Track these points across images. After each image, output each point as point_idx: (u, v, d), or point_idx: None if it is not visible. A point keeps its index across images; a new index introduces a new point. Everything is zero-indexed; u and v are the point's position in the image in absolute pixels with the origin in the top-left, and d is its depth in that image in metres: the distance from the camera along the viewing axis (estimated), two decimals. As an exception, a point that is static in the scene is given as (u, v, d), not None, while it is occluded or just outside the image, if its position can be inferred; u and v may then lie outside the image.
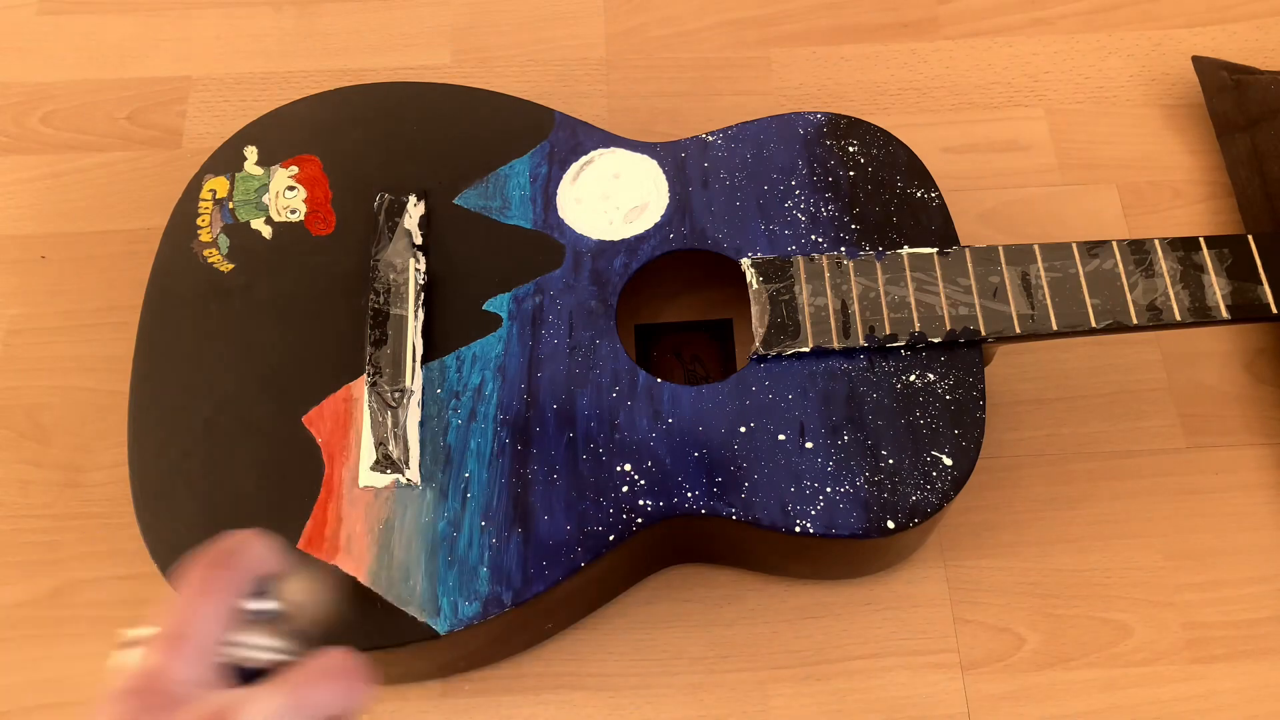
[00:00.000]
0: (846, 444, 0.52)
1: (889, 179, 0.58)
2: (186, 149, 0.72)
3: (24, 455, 0.63)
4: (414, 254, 0.56)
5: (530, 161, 0.60)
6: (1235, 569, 0.59)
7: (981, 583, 0.59)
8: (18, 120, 0.74)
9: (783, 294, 0.55)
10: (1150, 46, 0.75)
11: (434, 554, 0.50)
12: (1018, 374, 0.64)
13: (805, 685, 0.57)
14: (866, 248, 0.56)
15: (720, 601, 0.59)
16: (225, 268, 0.57)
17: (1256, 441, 0.63)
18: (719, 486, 0.51)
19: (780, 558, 0.57)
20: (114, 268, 0.68)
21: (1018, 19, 0.77)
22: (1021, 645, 0.58)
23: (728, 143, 0.60)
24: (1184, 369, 0.65)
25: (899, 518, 0.50)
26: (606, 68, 0.75)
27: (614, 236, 0.58)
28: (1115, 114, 0.73)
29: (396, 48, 0.76)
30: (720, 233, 0.57)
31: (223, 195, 0.59)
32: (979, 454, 0.52)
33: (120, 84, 0.75)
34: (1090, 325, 0.54)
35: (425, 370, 0.54)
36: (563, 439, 0.52)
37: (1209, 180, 0.70)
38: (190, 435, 0.53)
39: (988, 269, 0.55)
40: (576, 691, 0.57)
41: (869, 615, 0.58)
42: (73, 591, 0.59)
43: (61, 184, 0.71)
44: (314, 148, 0.60)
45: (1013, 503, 0.61)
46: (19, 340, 0.66)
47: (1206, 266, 0.55)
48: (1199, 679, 0.57)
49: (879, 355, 0.54)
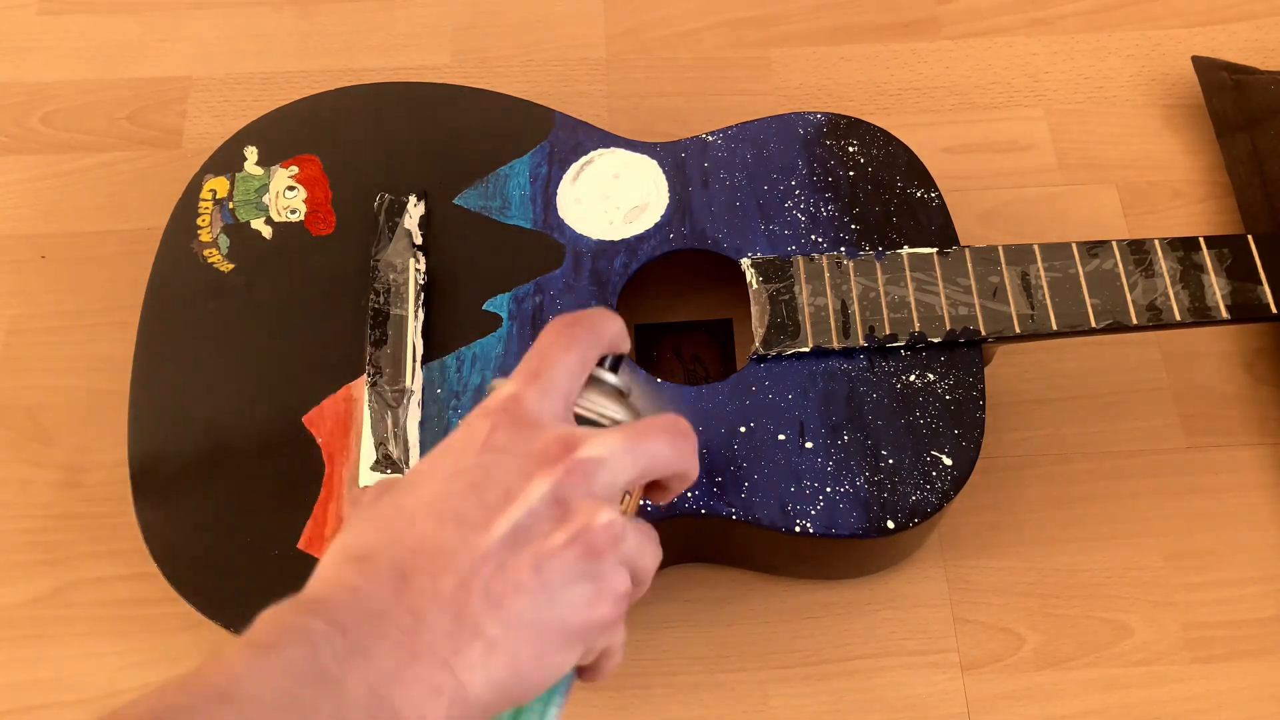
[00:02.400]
0: (846, 444, 0.52)
1: (889, 179, 0.58)
2: (186, 149, 0.72)
3: (24, 455, 0.63)
4: (414, 254, 0.56)
5: (530, 161, 0.60)
6: (1235, 569, 0.59)
7: (981, 583, 0.59)
8: (18, 120, 0.74)
9: (783, 294, 0.55)
10: (1150, 46, 0.75)
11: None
12: (1018, 374, 0.64)
13: (805, 685, 0.57)
14: (866, 248, 0.56)
15: (720, 601, 0.59)
16: (225, 268, 0.57)
17: (1256, 441, 0.63)
18: (719, 486, 0.51)
19: (780, 558, 0.57)
20: (114, 268, 0.68)
21: (1018, 19, 0.77)
22: (1021, 645, 0.58)
23: (728, 143, 0.60)
24: (1184, 369, 0.65)
25: (899, 518, 0.50)
26: (606, 68, 0.75)
27: (614, 236, 0.58)
28: (1115, 114, 0.73)
29: (396, 48, 0.76)
30: (720, 233, 0.57)
31: (223, 195, 0.59)
32: (979, 454, 0.52)
33: (120, 84, 0.75)
34: (1090, 325, 0.54)
35: (425, 370, 0.54)
36: (563, 439, 0.52)
37: (1209, 180, 0.70)
38: (190, 435, 0.53)
39: (988, 269, 0.55)
40: (577, 691, 0.57)
41: (869, 615, 0.58)
42: (73, 591, 0.59)
43: (61, 184, 0.71)
44: (314, 148, 0.60)
45: (1013, 503, 0.61)
46: (19, 340, 0.66)
47: (1206, 266, 0.55)
48: (1199, 679, 0.57)
49: (879, 355, 0.54)
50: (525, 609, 0.31)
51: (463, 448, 0.33)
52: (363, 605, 0.29)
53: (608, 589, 0.32)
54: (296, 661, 0.28)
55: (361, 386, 0.54)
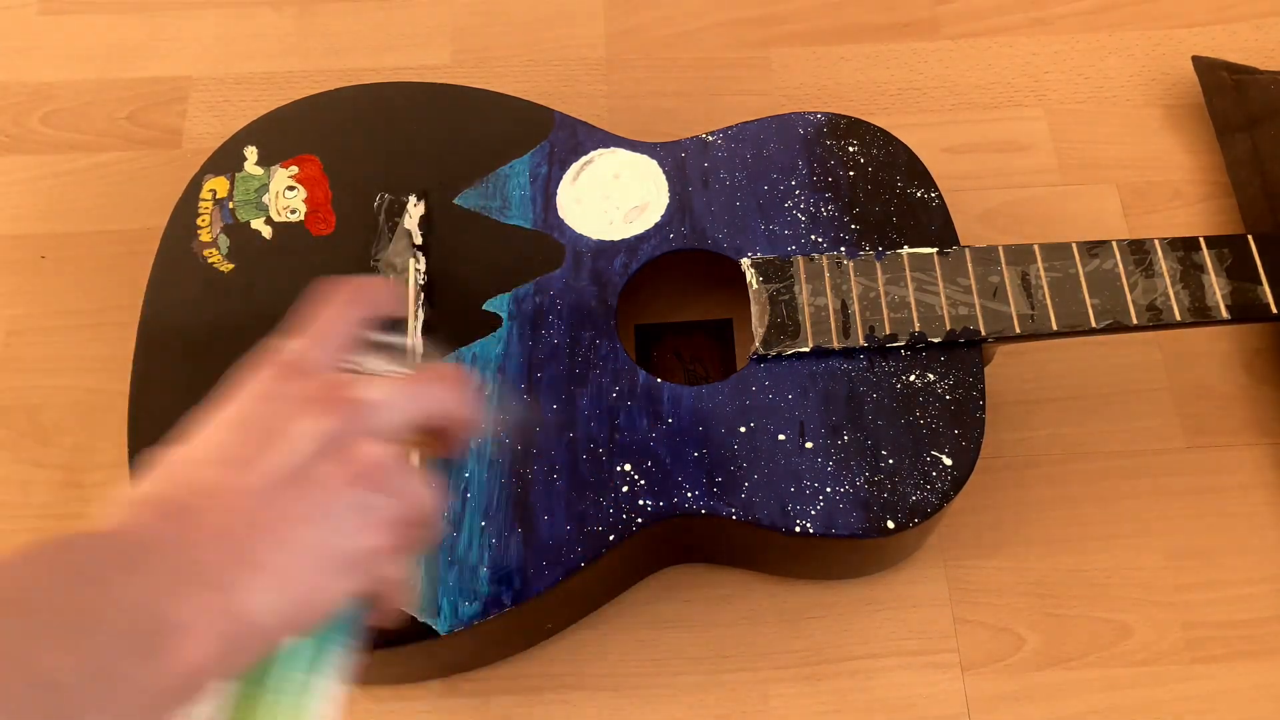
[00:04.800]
0: (846, 444, 0.52)
1: (889, 179, 0.58)
2: (186, 149, 0.72)
3: (24, 455, 0.63)
4: (414, 254, 0.56)
5: (530, 161, 0.60)
6: (1235, 569, 0.59)
7: (981, 583, 0.59)
8: (18, 120, 0.74)
9: (782, 294, 0.55)
10: (1150, 46, 0.75)
11: (434, 554, 0.50)
12: (1018, 374, 0.64)
13: (805, 685, 0.57)
14: (866, 248, 0.56)
15: (720, 601, 0.59)
16: (225, 268, 0.57)
17: (1256, 441, 0.63)
18: (719, 486, 0.51)
19: (780, 558, 0.57)
20: (114, 268, 0.68)
21: (1018, 19, 0.77)
22: (1021, 645, 0.58)
23: (728, 143, 0.60)
24: (1184, 369, 0.65)
25: (899, 518, 0.50)
26: (606, 68, 0.75)
27: (614, 236, 0.58)
28: (1115, 114, 0.73)
29: (396, 48, 0.76)
30: (720, 233, 0.57)
31: (223, 195, 0.59)
32: (979, 454, 0.52)
33: (120, 84, 0.75)
34: (1090, 325, 0.54)
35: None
36: (563, 439, 0.52)
37: (1209, 180, 0.70)
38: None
39: (988, 269, 0.55)
40: (576, 691, 0.57)
41: (869, 615, 0.58)
42: (73, 591, 0.59)
43: (61, 184, 0.71)
44: (314, 148, 0.60)
45: (1013, 503, 0.61)
46: (19, 340, 0.66)
47: (1206, 266, 0.55)
48: (1199, 679, 0.57)
49: (879, 355, 0.54)
50: (299, 538, 0.32)
51: (239, 400, 0.35)
52: (135, 536, 0.31)
53: (379, 518, 0.34)
54: (61, 565, 0.29)
55: (361, 386, 0.54)
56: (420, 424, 0.37)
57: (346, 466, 0.33)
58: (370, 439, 0.34)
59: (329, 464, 0.33)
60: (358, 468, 0.33)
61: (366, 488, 0.33)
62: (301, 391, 0.34)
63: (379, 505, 0.34)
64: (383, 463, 0.34)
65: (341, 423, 0.34)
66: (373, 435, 0.34)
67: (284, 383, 0.35)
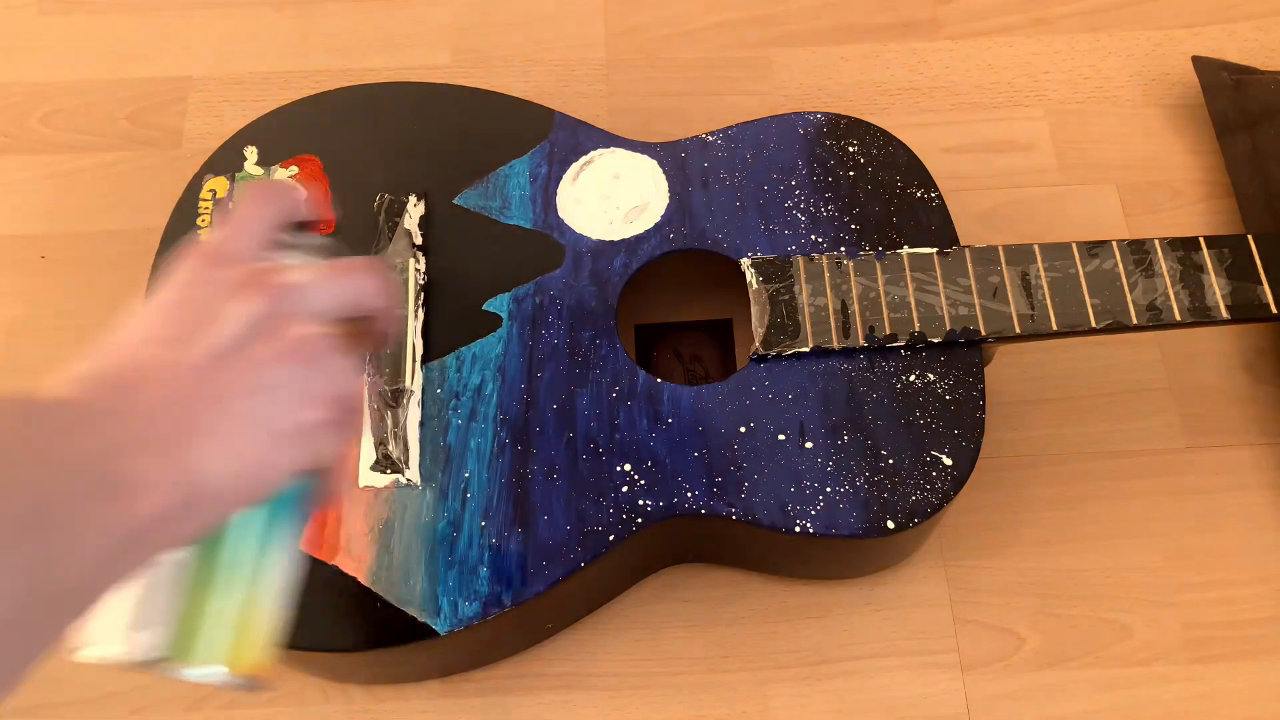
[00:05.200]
0: (846, 444, 0.52)
1: (889, 179, 0.58)
2: (186, 149, 0.72)
3: (24, 455, 0.63)
4: (414, 254, 0.56)
5: (530, 161, 0.60)
6: (1235, 569, 0.59)
7: (981, 583, 0.59)
8: (18, 120, 0.74)
9: (783, 294, 0.55)
10: (1150, 46, 0.75)
11: (434, 554, 0.50)
12: (1018, 374, 0.64)
13: (805, 685, 0.57)
14: (866, 248, 0.56)
15: (720, 601, 0.59)
16: (225, 268, 0.57)
17: (1256, 441, 0.63)
18: (719, 486, 0.51)
19: (780, 558, 0.57)
20: (114, 268, 0.68)
21: (1018, 19, 0.77)
22: (1021, 645, 0.58)
23: (728, 143, 0.60)
24: (1184, 369, 0.65)
25: (899, 518, 0.50)
26: (606, 68, 0.75)
27: (614, 236, 0.58)
28: (1115, 114, 0.73)
29: (396, 48, 0.76)
30: (720, 233, 0.57)
31: (223, 195, 0.59)
32: (979, 454, 0.52)
33: (120, 84, 0.75)
34: (1090, 325, 0.54)
35: (425, 370, 0.54)
36: (563, 439, 0.52)
37: (1209, 180, 0.70)
38: (190, 435, 0.53)
39: (987, 269, 0.55)
40: (576, 691, 0.57)
41: (869, 615, 0.58)
42: (73, 591, 0.59)
43: (61, 184, 0.71)
44: (314, 148, 0.60)
45: (1013, 503, 0.61)
46: (19, 340, 0.66)
47: (1206, 266, 0.55)
48: (1199, 679, 0.57)
49: (879, 355, 0.54)
50: (242, 409, 0.33)
51: (168, 288, 0.36)
52: (82, 403, 0.31)
53: (317, 392, 0.35)
54: (6, 417, 0.29)
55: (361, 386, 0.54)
56: (344, 310, 0.38)
57: (279, 344, 0.35)
58: (301, 321, 0.36)
59: (262, 342, 0.34)
60: (290, 344, 0.35)
61: (299, 362, 0.35)
62: (230, 277, 0.35)
63: (313, 380, 0.35)
64: (313, 340, 0.35)
65: (270, 304, 0.35)
66: (301, 316, 0.36)
67: (212, 269, 0.36)
